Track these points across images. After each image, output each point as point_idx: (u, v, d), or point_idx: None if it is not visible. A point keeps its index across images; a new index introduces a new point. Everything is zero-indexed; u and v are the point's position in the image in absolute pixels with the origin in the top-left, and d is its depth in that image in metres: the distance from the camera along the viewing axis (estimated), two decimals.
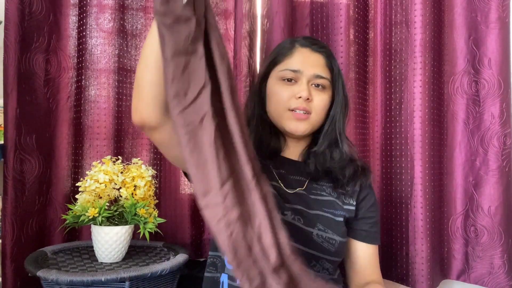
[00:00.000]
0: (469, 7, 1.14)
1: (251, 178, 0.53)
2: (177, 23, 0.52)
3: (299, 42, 0.88)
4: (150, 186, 1.02)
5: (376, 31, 1.21)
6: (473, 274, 1.14)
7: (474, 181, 1.14)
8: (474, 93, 1.15)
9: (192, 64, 0.53)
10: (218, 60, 0.54)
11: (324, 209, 0.84)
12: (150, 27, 1.22)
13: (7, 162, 1.04)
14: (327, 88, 0.86)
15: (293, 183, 0.86)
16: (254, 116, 0.89)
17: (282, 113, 0.84)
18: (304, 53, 0.86)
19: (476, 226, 1.13)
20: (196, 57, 0.53)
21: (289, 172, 0.88)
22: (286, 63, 0.86)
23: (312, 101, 0.84)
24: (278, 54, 0.89)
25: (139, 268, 0.87)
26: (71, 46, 1.19)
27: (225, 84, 0.53)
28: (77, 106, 1.19)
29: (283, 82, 0.85)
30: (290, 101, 0.83)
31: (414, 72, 1.12)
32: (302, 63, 0.85)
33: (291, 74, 0.84)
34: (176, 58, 0.52)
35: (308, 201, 0.84)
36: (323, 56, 0.87)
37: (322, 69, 0.86)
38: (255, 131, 0.87)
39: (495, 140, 1.12)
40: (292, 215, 0.80)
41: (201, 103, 0.52)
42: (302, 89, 0.83)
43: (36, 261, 0.94)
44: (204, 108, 0.52)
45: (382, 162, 1.19)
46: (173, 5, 0.51)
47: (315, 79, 0.85)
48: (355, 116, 1.16)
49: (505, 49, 1.12)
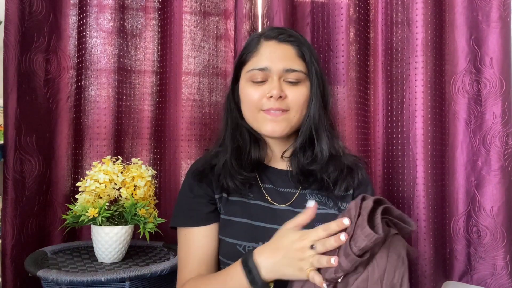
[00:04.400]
0: (470, 6, 1.14)
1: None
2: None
3: (265, 35, 0.81)
4: (150, 186, 1.02)
5: (377, 30, 1.20)
6: (475, 275, 1.13)
7: (476, 181, 1.14)
8: (476, 93, 1.14)
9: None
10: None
11: (316, 225, 0.76)
12: (150, 27, 1.23)
13: (7, 162, 1.04)
14: (303, 81, 0.79)
15: (282, 197, 0.80)
16: (228, 124, 0.83)
17: (256, 116, 0.78)
18: (270, 46, 0.79)
19: (478, 227, 1.13)
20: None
21: (276, 184, 0.81)
22: (253, 61, 0.79)
23: (286, 97, 0.77)
24: (245, 52, 0.82)
25: (139, 268, 0.87)
26: (71, 46, 1.19)
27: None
28: (77, 106, 1.18)
29: (253, 83, 0.79)
30: (261, 102, 0.77)
31: (415, 72, 1.11)
32: (269, 59, 0.77)
33: (260, 73, 0.77)
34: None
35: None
36: (292, 46, 0.79)
37: (292, 62, 0.78)
38: (232, 140, 0.81)
39: (497, 140, 1.11)
40: None
41: None
42: (272, 87, 0.76)
43: (36, 261, 0.94)
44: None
45: (383, 162, 1.19)
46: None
47: (286, 73, 0.77)
48: (356, 115, 1.16)
49: (506, 48, 1.11)
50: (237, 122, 0.83)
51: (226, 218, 0.78)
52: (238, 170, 0.78)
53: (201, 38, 1.21)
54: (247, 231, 0.76)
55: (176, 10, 1.18)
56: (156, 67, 1.24)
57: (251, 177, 0.79)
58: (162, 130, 1.21)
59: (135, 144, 1.22)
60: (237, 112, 0.83)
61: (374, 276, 0.55)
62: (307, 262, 0.59)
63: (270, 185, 0.81)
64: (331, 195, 0.80)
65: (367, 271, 0.55)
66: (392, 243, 0.56)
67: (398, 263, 0.56)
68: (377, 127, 1.21)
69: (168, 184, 1.19)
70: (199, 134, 1.20)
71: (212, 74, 1.22)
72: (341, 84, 1.15)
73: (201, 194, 0.79)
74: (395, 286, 0.55)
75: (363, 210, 0.56)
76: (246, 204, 0.78)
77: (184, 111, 1.18)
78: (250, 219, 0.77)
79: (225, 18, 1.24)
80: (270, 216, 0.77)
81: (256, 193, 0.80)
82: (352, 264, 0.55)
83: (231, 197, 0.79)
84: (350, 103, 1.15)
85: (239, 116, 0.83)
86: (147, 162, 1.23)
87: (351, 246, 0.55)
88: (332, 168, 0.79)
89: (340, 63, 1.15)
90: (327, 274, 0.56)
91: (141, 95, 1.23)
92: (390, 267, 0.55)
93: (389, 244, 0.56)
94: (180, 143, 1.17)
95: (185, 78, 1.20)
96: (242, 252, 0.74)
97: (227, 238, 0.77)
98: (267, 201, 0.79)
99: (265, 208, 0.78)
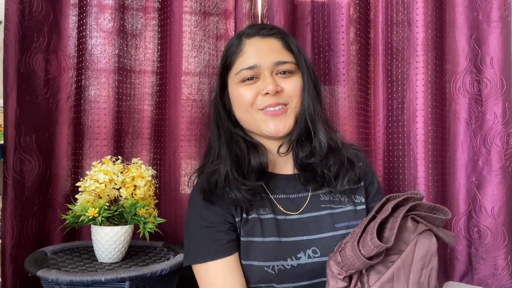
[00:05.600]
0: (470, 6, 1.14)
1: None
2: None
3: (245, 35, 0.77)
4: (150, 186, 1.01)
5: (377, 30, 1.20)
6: (476, 275, 1.13)
7: (477, 181, 1.13)
8: (476, 93, 1.14)
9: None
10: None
11: (337, 226, 0.74)
12: (150, 27, 1.23)
13: (7, 162, 1.04)
14: (295, 71, 0.75)
15: (296, 204, 0.76)
16: (221, 135, 0.78)
17: (254, 116, 0.74)
18: (254, 43, 0.75)
19: (479, 227, 1.12)
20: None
21: (287, 191, 0.77)
22: (240, 62, 0.75)
23: (283, 91, 0.73)
24: (228, 55, 0.77)
25: (139, 268, 0.87)
26: (71, 46, 1.19)
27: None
28: (77, 106, 1.18)
29: (244, 83, 0.74)
30: (257, 101, 0.73)
31: (416, 71, 1.11)
32: (256, 56, 0.74)
33: (249, 72, 0.73)
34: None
35: (317, 223, 0.74)
36: (277, 39, 0.76)
37: (281, 54, 0.75)
38: (229, 150, 0.76)
39: (498, 139, 1.11)
40: (307, 253, 0.71)
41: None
42: (266, 83, 0.72)
43: (36, 261, 0.94)
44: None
45: (384, 162, 1.19)
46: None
47: (277, 66, 0.74)
48: (357, 115, 1.16)
49: (507, 48, 1.11)
50: (230, 131, 0.78)
51: (247, 240, 0.73)
52: (241, 181, 0.73)
53: (201, 38, 1.21)
54: (272, 250, 0.71)
55: (176, 10, 1.18)
56: (156, 67, 1.23)
57: (256, 186, 0.74)
58: (162, 130, 1.21)
59: (135, 144, 1.22)
60: (228, 121, 0.79)
61: (399, 276, 0.54)
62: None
63: (281, 195, 0.77)
64: (345, 191, 0.77)
65: (393, 270, 0.55)
66: (419, 241, 0.56)
67: (424, 261, 0.55)
68: (377, 127, 1.21)
69: (168, 184, 1.19)
70: (199, 134, 1.20)
71: (212, 74, 1.22)
72: (342, 84, 1.15)
73: (218, 221, 0.73)
74: (422, 285, 0.55)
75: (381, 213, 0.56)
76: (263, 221, 0.74)
77: (184, 111, 1.18)
78: (271, 236, 0.72)
79: (225, 18, 1.23)
80: (289, 228, 0.73)
81: (269, 206, 0.75)
82: (363, 264, 0.54)
83: (249, 216, 0.74)
84: (351, 103, 1.15)
85: (232, 125, 0.79)
86: (147, 162, 1.23)
87: (359, 248, 0.54)
88: (332, 160, 0.75)
89: (341, 63, 1.15)
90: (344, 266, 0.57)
91: (141, 95, 1.23)
92: (416, 266, 0.55)
93: (415, 244, 0.55)
94: (180, 143, 1.17)
95: (185, 78, 1.19)
96: (272, 272, 0.70)
97: (253, 261, 0.71)
98: (281, 213, 0.75)
99: (282, 221, 0.74)
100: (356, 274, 0.57)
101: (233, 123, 0.79)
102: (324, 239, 0.73)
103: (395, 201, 0.57)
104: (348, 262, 0.56)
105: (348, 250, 0.56)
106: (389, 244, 0.53)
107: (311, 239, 0.73)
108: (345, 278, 0.57)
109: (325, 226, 0.74)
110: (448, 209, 0.60)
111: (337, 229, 0.74)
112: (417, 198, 0.58)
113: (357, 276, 0.57)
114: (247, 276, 0.72)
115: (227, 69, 0.78)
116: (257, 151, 0.76)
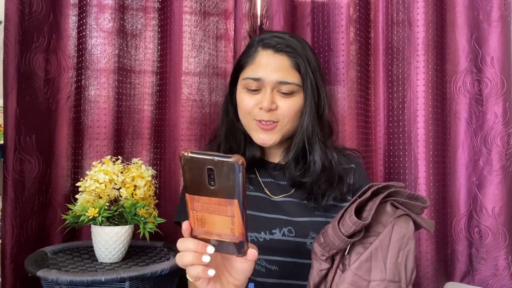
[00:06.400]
0: (471, 5, 1.14)
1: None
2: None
3: (262, 43, 0.81)
4: (150, 186, 1.01)
5: (378, 30, 1.20)
6: (477, 276, 1.13)
7: (477, 182, 1.13)
8: (477, 92, 1.14)
9: None
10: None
11: (316, 213, 0.79)
12: (150, 27, 1.23)
13: (7, 162, 1.04)
14: (296, 92, 0.79)
15: (281, 189, 0.83)
16: (224, 125, 0.85)
17: (249, 123, 0.81)
18: (266, 56, 0.79)
19: (480, 227, 1.12)
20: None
21: (276, 177, 0.85)
22: (249, 69, 0.80)
23: (277, 109, 0.78)
24: (243, 57, 0.83)
25: (139, 268, 0.87)
26: (71, 46, 1.19)
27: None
28: (77, 106, 1.18)
29: (248, 90, 0.80)
30: (254, 111, 0.79)
31: (417, 71, 1.11)
32: (263, 70, 0.78)
33: (254, 83, 0.79)
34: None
35: (297, 208, 0.80)
36: (288, 57, 0.79)
37: (286, 73, 0.78)
38: (226, 141, 0.84)
39: (498, 139, 1.11)
40: (282, 230, 0.77)
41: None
42: (264, 99, 0.77)
43: (36, 261, 0.94)
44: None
45: (385, 163, 1.18)
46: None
47: (279, 85, 0.78)
48: (357, 115, 1.16)
49: (507, 47, 1.11)
50: (233, 123, 0.85)
51: None
52: None
53: (201, 38, 1.21)
54: (249, 222, 0.76)
55: (176, 10, 1.18)
56: (156, 67, 1.23)
57: (252, 174, 0.81)
58: (162, 130, 1.21)
59: (135, 144, 1.22)
60: (233, 114, 0.85)
61: (377, 255, 0.57)
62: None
63: (270, 179, 0.84)
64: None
65: (371, 250, 0.58)
66: (396, 224, 0.59)
67: (401, 243, 0.58)
68: (378, 127, 1.20)
69: (168, 184, 1.19)
70: (199, 134, 1.20)
71: (212, 74, 1.22)
72: (342, 84, 1.15)
73: None
74: (399, 265, 0.57)
75: (362, 197, 0.60)
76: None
77: (184, 111, 1.18)
78: (250, 210, 0.78)
79: (225, 18, 1.23)
80: (270, 207, 0.80)
81: (256, 186, 0.83)
82: (342, 242, 0.58)
83: None
84: (351, 103, 1.15)
85: (236, 118, 0.85)
86: (147, 162, 1.23)
87: (339, 227, 0.58)
88: (323, 179, 0.79)
89: (341, 63, 1.14)
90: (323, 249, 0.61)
91: (141, 95, 1.23)
92: (393, 247, 0.58)
93: (392, 226, 0.58)
94: (180, 143, 1.17)
95: (185, 78, 1.19)
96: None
97: None
98: (266, 194, 0.82)
99: (265, 199, 0.81)
100: (339, 255, 0.60)
101: (237, 116, 0.85)
102: (302, 222, 0.78)
103: (376, 187, 0.60)
104: (330, 242, 0.59)
105: (330, 230, 0.59)
106: (367, 222, 0.56)
107: (289, 219, 0.78)
108: (328, 259, 0.61)
109: (306, 212, 0.79)
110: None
111: (316, 216, 0.79)
112: (398, 186, 0.61)
113: (339, 257, 0.60)
114: None
115: (239, 69, 0.84)
116: (253, 145, 0.84)
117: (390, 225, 0.58)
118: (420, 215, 0.61)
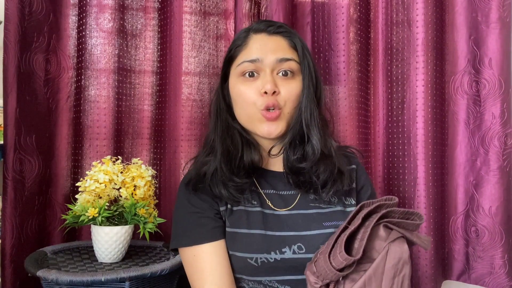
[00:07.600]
0: (469, 7, 1.14)
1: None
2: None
3: (253, 30, 0.77)
4: (150, 186, 1.02)
5: (377, 30, 1.20)
6: (473, 274, 1.14)
7: (475, 181, 1.14)
8: (475, 93, 1.15)
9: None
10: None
11: (325, 224, 0.74)
12: (150, 27, 1.23)
13: (6, 162, 1.04)
14: (296, 73, 0.75)
15: (284, 200, 0.77)
16: (218, 127, 0.78)
17: (253, 116, 0.74)
18: (260, 39, 0.75)
19: (476, 226, 1.13)
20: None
21: (277, 187, 0.78)
22: (243, 55, 0.75)
23: (279, 93, 0.73)
24: (233, 47, 0.78)
25: (139, 268, 0.87)
26: (71, 46, 1.19)
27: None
28: (77, 106, 1.18)
29: (244, 78, 0.74)
30: (257, 100, 0.73)
31: (416, 72, 1.12)
32: (260, 50, 0.74)
33: (251, 65, 0.73)
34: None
35: (304, 220, 0.74)
36: (283, 37, 0.76)
37: (285, 51, 0.74)
38: (222, 144, 0.76)
39: (495, 140, 1.12)
40: (292, 248, 0.71)
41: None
42: (265, 81, 0.72)
43: (36, 261, 0.94)
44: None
45: (384, 162, 1.19)
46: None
47: (279, 64, 0.73)
48: (357, 115, 1.16)
49: (505, 49, 1.11)
50: (227, 123, 0.78)
51: (232, 231, 0.74)
52: (229, 176, 0.73)
53: (201, 38, 1.21)
54: (257, 242, 0.72)
55: (176, 10, 1.18)
56: (156, 67, 1.23)
57: (244, 183, 0.74)
58: (162, 130, 1.21)
59: (135, 144, 1.22)
60: (227, 113, 0.79)
61: (371, 284, 0.55)
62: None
63: (271, 190, 0.78)
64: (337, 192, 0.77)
65: (364, 279, 0.56)
66: (391, 250, 0.56)
67: (396, 270, 0.56)
68: (377, 127, 1.21)
69: (168, 184, 1.19)
70: (199, 134, 1.20)
71: (212, 74, 1.22)
72: (342, 84, 1.15)
73: (205, 207, 0.75)
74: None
75: (352, 224, 0.57)
76: (250, 214, 0.75)
77: (184, 111, 1.18)
78: (256, 229, 0.73)
79: (225, 18, 1.23)
80: (277, 223, 0.74)
81: (257, 200, 0.77)
82: (335, 275, 0.56)
83: (234, 207, 0.76)
84: (351, 103, 1.15)
85: (230, 117, 0.79)
86: (147, 162, 1.23)
87: (330, 261, 0.55)
88: (322, 168, 0.74)
89: (341, 63, 1.15)
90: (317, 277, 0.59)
91: (141, 95, 1.23)
92: (388, 275, 0.55)
93: (386, 253, 0.56)
94: (180, 143, 1.17)
95: (185, 78, 1.19)
96: (254, 264, 0.71)
97: (237, 252, 0.72)
98: (269, 208, 0.76)
99: (270, 215, 0.75)
100: (333, 283, 0.58)
101: (232, 115, 0.79)
102: (311, 236, 0.73)
103: (367, 209, 0.57)
104: (323, 272, 0.57)
105: (321, 262, 0.57)
106: (357, 257, 0.54)
107: (297, 235, 0.73)
108: (322, 287, 0.59)
109: (313, 224, 0.74)
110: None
111: (325, 227, 0.74)
112: (390, 204, 0.58)
113: (334, 284, 0.58)
114: (231, 266, 0.73)
115: (230, 60, 0.79)
116: (250, 148, 0.77)
117: (383, 251, 0.56)
118: (415, 232, 0.59)
